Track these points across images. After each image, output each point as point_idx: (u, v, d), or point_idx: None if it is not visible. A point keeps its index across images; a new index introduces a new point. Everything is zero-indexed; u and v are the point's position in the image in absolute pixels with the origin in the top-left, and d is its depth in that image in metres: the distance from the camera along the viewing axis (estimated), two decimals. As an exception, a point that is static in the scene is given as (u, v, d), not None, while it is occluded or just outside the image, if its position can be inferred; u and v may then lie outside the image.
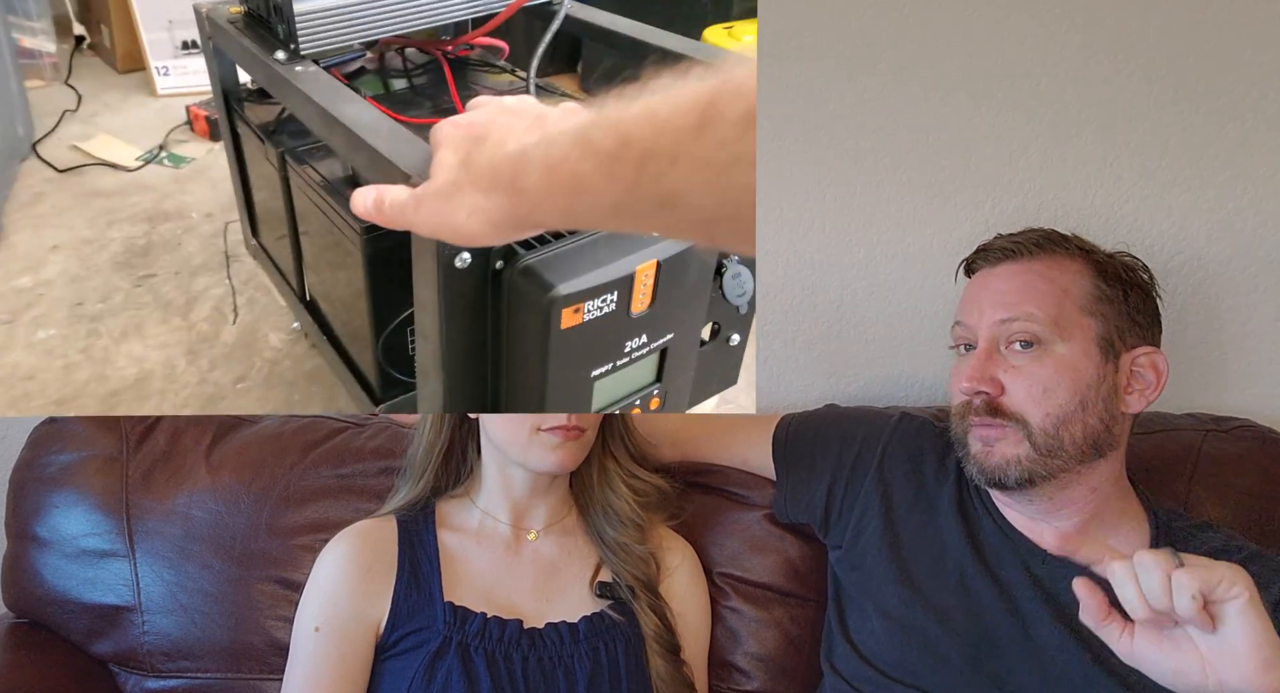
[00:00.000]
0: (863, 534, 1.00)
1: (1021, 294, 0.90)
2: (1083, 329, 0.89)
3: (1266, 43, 1.18)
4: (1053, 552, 0.75)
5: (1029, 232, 0.95)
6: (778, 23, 1.20)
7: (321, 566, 0.95)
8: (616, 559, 0.98)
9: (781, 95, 1.22)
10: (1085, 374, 0.89)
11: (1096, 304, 0.90)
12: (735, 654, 1.07)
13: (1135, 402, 0.91)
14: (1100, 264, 0.92)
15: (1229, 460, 1.09)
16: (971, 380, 0.90)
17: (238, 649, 1.07)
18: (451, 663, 0.90)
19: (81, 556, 1.09)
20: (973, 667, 0.90)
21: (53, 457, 1.12)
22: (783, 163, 1.23)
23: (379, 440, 1.14)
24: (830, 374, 1.30)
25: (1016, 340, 0.89)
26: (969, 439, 0.92)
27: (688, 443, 1.11)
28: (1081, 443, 0.89)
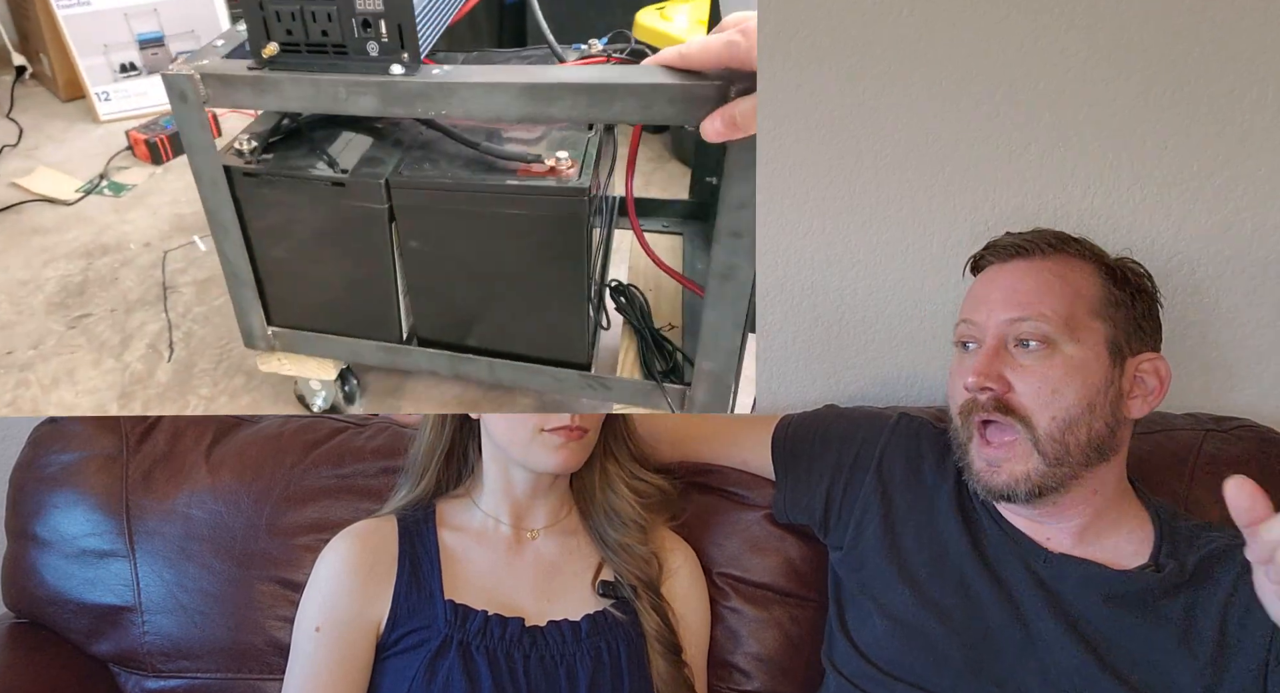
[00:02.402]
0: (863, 535, 1.00)
1: (1034, 293, 0.90)
2: (1093, 332, 0.89)
3: (1266, 43, 1.18)
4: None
5: (1039, 231, 0.95)
6: (778, 23, 1.20)
7: (322, 565, 0.95)
8: (618, 559, 0.98)
9: (781, 95, 1.22)
10: (1094, 377, 0.88)
11: (1106, 308, 0.90)
12: (735, 654, 1.07)
13: (1138, 407, 0.91)
14: (1110, 268, 0.93)
15: (1229, 460, 1.09)
16: (978, 376, 0.89)
17: (238, 649, 1.07)
18: (453, 662, 0.90)
19: (81, 556, 1.09)
20: (974, 666, 0.90)
21: (53, 457, 1.12)
22: (783, 163, 1.23)
23: (379, 440, 1.14)
24: (830, 374, 1.30)
25: (1026, 339, 0.89)
26: (972, 456, 0.92)
27: (688, 443, 1.11)
28: (1086, 447, 0.88)
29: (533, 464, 0.95)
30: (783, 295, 1.27)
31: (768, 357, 1.29)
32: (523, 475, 0.98)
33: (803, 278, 1.27)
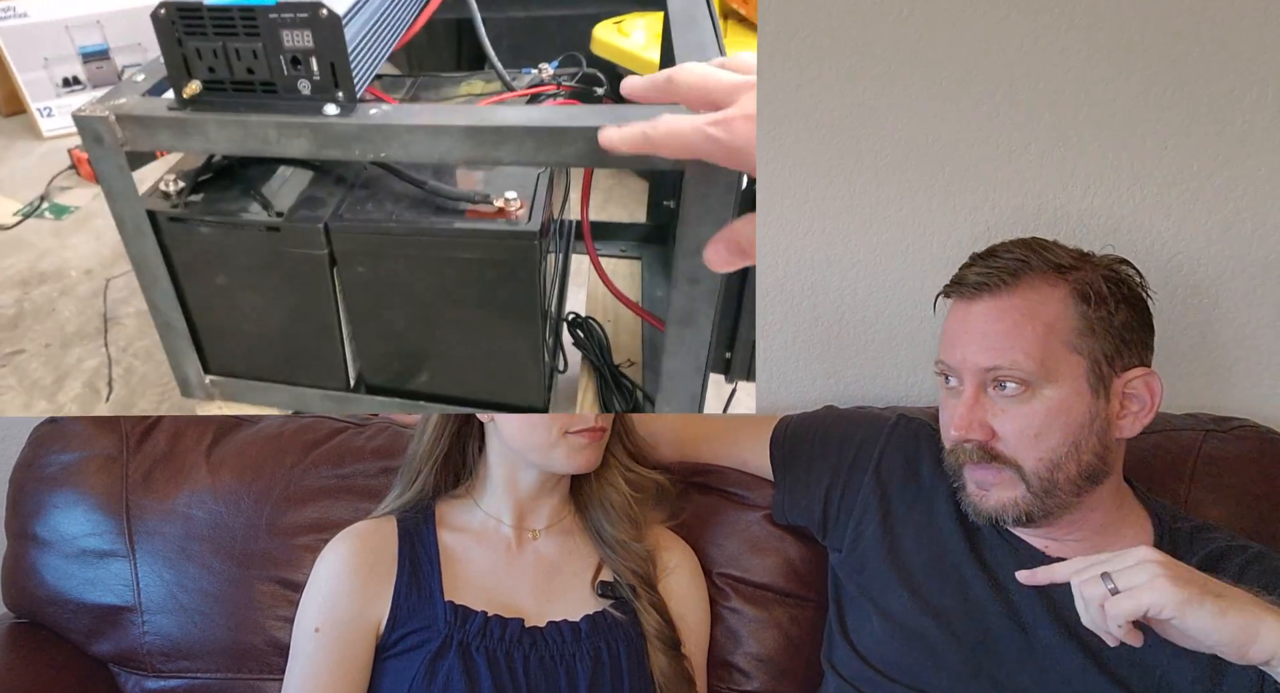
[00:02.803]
0: (862, 537, 1.00)
1: (1004, 337, 0.87)
2: (1071, 367, 0.87)
3: (1266, 43, 1.18)
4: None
5: (1005, 254, 0.90)
6: (777, 23, 1.20)
7: (322, 566, 0.95)
8: (616, 557, 0.98)
9: (781, 95, 1.22)
10: (1076, 415, 0.87)
11: (1082, 338, 0.87)
12: (735, 655, 1.07)
13: (1130, 426, 0.90)
14: (1083, 287, 0.88)
15: (1229, 461, 1.09)
16: (960, 430, 0.88)
17: (238, 649, 1.07)
18: (452, 662, 0.90)
19: (81, 556, 1.09)
20: (972, 668, 0.90)
21: (53, 457, 1.12)
22: (783, 163, 1.23)
23: (379, 440, 1.14)
24: (830, 374, 1.30)
25: (1003, 381, 0.87)
26: (964, 477, 0.92)
27: (687, 443, 1.11)
28: (1076, 479, 0.88)
29: (554, 466, 0.95)
30: (783, 295, 1.27)
31: (768, 357, 1.29)
32: (530, 476, 0.98)
33: (803, 278, 1.27)
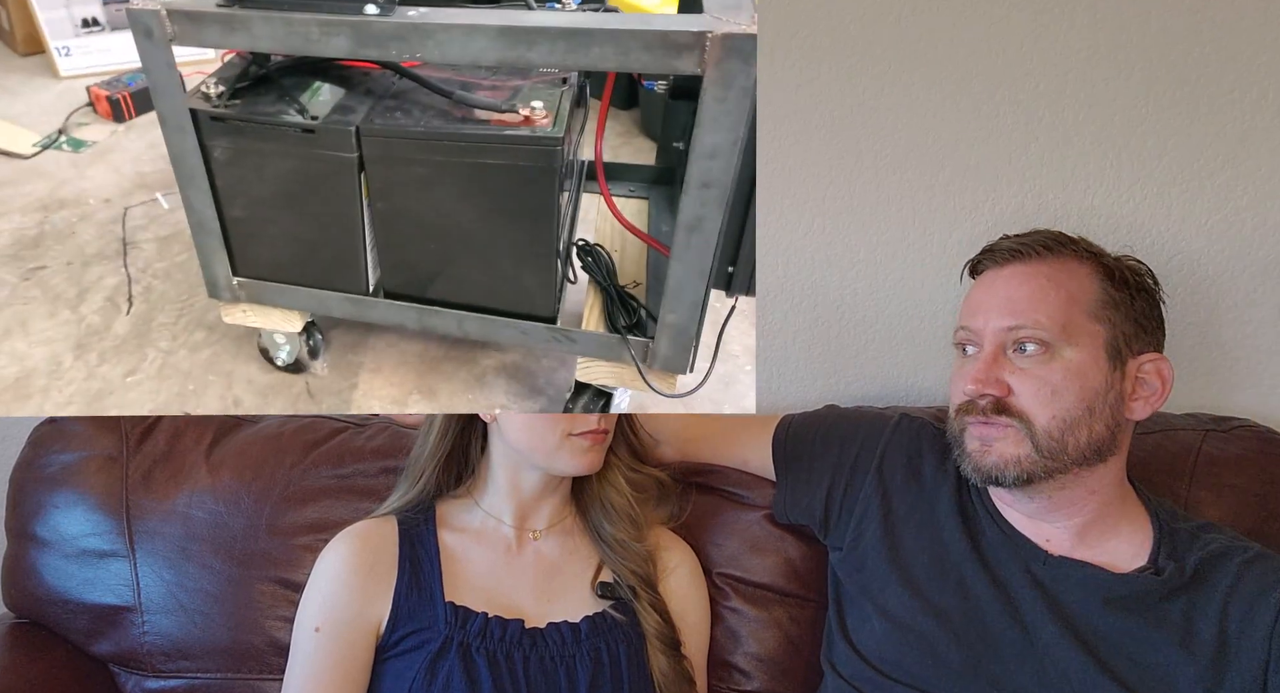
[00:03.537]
0: (863, 536, 1.00)
1: (1029, 301, 0.89)
2: (1091, 336, 0.89)
3: (1266, 43, 1.18)
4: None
5: (1036, 233, 0.94)
6: (777, 22, 1.20)
7: (322, 566, 0.95)
8: (616, 557, 0.98)
9: (781, 95, 1.22)
10: (1093, 381, 0.88)
11: (1104, 310, 0.90)
12: (735, 654, 1.07)
13: (1140, 408, 0.91)
14: (1108, 268, 0.92)
15: (1229, 460, 1.09)
16: (977, 384, 0.89)
17: (238, 649, 1.07)
18: (453, 663, 0.90)
19: (81, 556, 1.09)
20: (972, 668, 0.90)
21: (53, 457, 1.12)
22: (783, 162, 1.23)
23: (379, 440, 1.14)
24: (830, 374, 1.30)
25: (1024, 343, 0.89)
26: (965, 437, 0.92)
27: (689, 443, 1.11)
28: (1085, 448, 0.88)
29: (558, 468, 0.95)
30: (783, 295, 1.27)
31: (768, 357, 1.29)
32: (533, 477, 0.98)
33: (803, 278, 1.27)
